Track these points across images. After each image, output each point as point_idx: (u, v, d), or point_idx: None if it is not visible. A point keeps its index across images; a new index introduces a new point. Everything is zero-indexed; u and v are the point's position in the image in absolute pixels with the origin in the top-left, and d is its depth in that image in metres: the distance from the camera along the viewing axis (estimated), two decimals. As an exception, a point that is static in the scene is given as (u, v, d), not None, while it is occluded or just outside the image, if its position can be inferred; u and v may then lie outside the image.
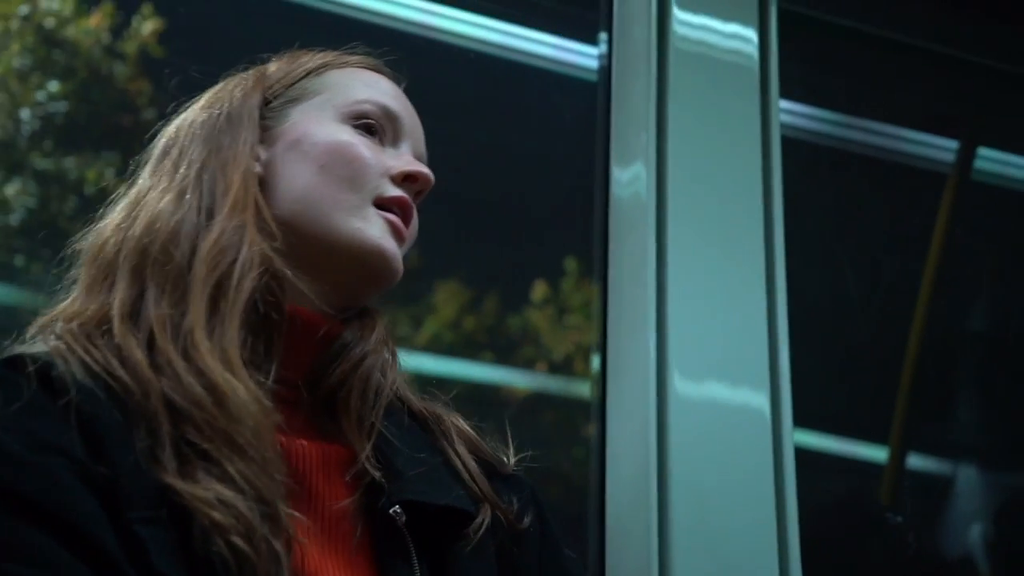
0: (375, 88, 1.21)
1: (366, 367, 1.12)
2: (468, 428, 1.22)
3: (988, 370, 2.30)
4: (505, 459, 1.23)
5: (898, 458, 2.15)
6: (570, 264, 1.93)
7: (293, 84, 1.20)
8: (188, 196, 1.08)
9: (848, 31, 2.19)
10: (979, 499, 2.22)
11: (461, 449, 1.18)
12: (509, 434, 1.25)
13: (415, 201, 1.18)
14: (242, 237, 1.04)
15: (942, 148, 2.35)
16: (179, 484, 0.89)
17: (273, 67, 1.23)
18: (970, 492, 2.22)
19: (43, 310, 1.07)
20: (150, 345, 0.97)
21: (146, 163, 1.17)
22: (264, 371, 1.02)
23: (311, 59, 1.23)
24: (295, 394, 1.08)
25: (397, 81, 1.26)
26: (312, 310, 1.10)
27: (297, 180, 1.13)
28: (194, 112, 1.18)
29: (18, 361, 0.97)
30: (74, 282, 1.10)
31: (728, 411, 1.68)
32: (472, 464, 1.16)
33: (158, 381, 0.94)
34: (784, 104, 1.93)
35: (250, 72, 1.22)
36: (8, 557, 0.83)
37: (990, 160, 2.36)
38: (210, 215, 1.07)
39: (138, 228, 1.07)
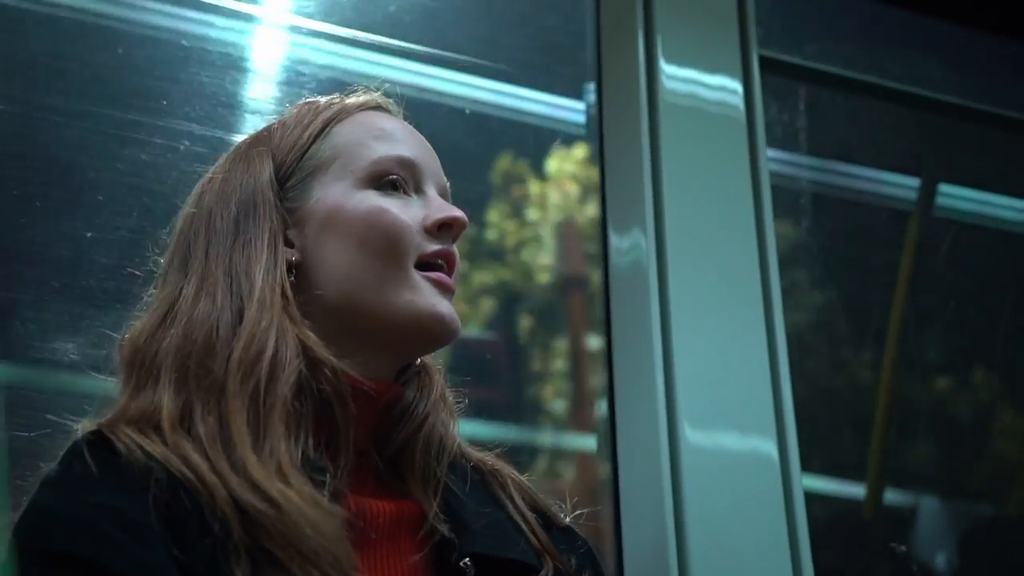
0: (386, 141, 1.19)
1: (428, 425, 1.14)
2: (524, 480, 1.24)
3: (956, 399, 2.36)
4: (560, 511, 1.25)
5: (877, 479, 2.19)
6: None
7: (304, 155, 1.18)
8: (219, 296, 1.08)
9: (817, 75, 2.24)
10: (946, 515, 2.27)
11: (519, 502, 1.19)
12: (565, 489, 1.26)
13: (453, 242, 1.18)
14: (270, 336, 1.04)
15: (905, 186, 2.41)
16: None
17: (276, 136, 1.21)
18: (938, 509, 2.27)
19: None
20: (204, 456, 0.98)
21: (172, 259, 1.16)
22: (335, 459, 1.03)
23: (312, 119, 1.21)
24: (365, 459, 1.10)
25: (397, 111, 1.27)
26: (371, 379, 1.11)
27: (339, 261, 1.12)
28: (209, 200, 1.17)
29: (98, 440, 0.98)
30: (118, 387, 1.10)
31: (738, 457, 1.71)
32: (531, 516, 1.18)
33: (222, 487, 0.94)
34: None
35: (253, 147, 1.20)
36: None
37: (950, 196, 2.43)
38: (240, 316, 1.06)
39: (176, 337, 1.06)
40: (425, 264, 1.15)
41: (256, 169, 1.17)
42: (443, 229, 1.17)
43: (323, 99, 1.25)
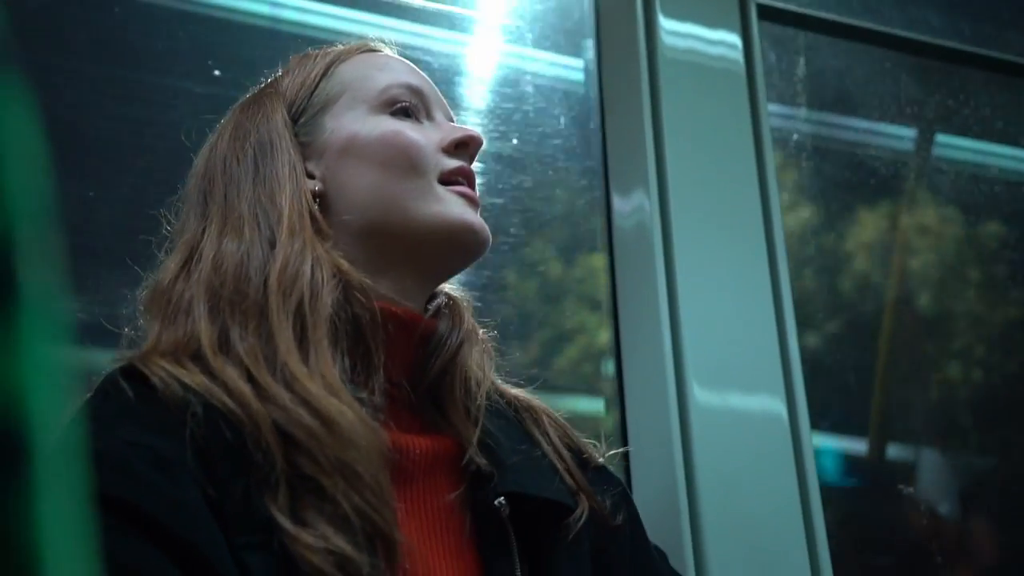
0: (390, 70, 1.20)
1: (462, 356, 1.14)
2: (559, 417, 1.24)
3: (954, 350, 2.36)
4: (595, 450, 1.25)
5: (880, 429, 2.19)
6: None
7: (312, 94, 1.18)
8: (246, 231, 1.07)
9: (815, 22, 2.21)
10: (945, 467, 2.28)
11: (555, 439, 1.19)
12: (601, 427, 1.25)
13: (470, 163, 1.19)
14: (305, 259, 1.03)
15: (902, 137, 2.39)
16: (288, 525, 0.88)
17: (283, 83, 1.21)
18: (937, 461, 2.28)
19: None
20: (250, 377, 0.96)
21: (189, 209, 1.15)
22: (367, 383, 1.02)
23: (314, 63, 1.22)
24: (400, 392, 1.09)
25: (394, 50, 1.28)
26: (405, 308, 1.11)
27: (362, 184, 1.12)
28: (221, 148, 1.17)
29: (133, 372, 0.96)
30: (145, 330, 1.07)
31: (747, 415, 1.70)
32: (567, 455, 1.18)
33: (268, 413, 0.92)
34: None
35: (260, 95, 1.21)
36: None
37: (948, 147, 2.41)
38: (272, 245, 1.05)
39: (204, 271, 1.05)
40: (447, 181, 1.15)
41: (268, 110, 1.17)
42: (460, 148, 1.17)
43: (320, 48, 1.25)
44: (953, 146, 2.41)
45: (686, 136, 1.84)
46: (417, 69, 1.24)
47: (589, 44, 1.98)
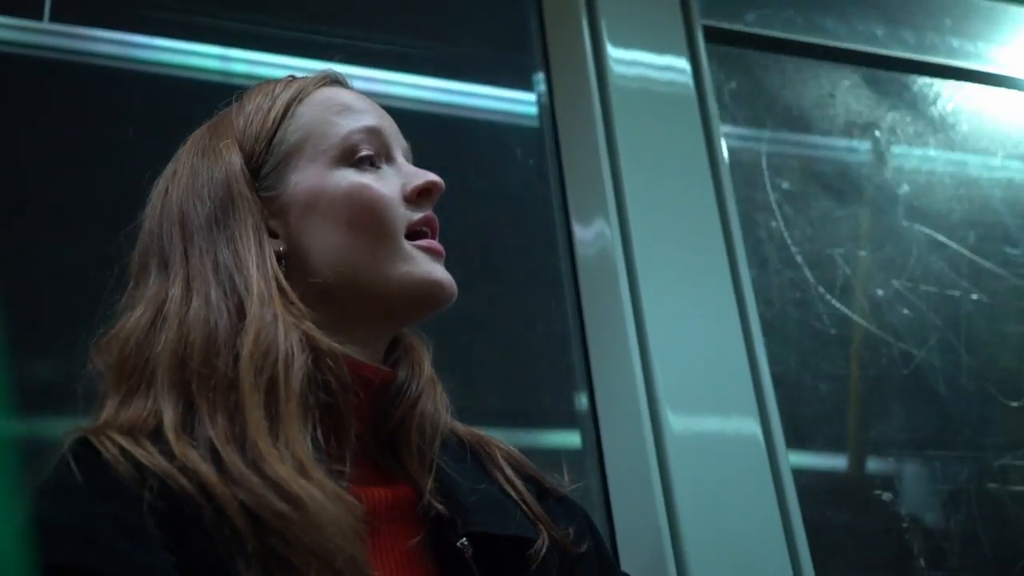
0: (350, 114, 1.18)
1: (421, 405, 1.13)
2: (513, 450, 1.25)
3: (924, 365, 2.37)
4: (555, 482, 1.25)
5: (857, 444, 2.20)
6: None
7: (271, 140, 1.15)
8: (212, 296, 1.04)
9: (762, 40, 2.23)
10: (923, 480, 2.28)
11: (510, 473, 1.20)
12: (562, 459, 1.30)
13: (431, 207, 1.19)
14: (278, 330, 1.01)
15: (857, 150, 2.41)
16: None
17: (238, 124, 1.17)
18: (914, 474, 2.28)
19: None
20: (215, 459, 0.93)
21: (146, 259, 1.12)
22: (340, 453, 1.01)
23: (271, 103, 1.18)
24: (360, 445, 1.07)
25: (349, 84, 1.26)
26: (364, 362, 1.10)
27: (329, 244, 1.11)
28: (177, 196, 1.13)
29: (87, 446, 0.95)
30: (101, 389, 1.05)
31: (723, 439, 1.70)
32: (522, 486, 1.19)
33: (233, 495, 0.90)
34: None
35: (216, 138, 1.17)
36: None
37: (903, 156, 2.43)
38: (241, 314, 1.03)
39: (169, 339, 1.02)
40: (413, 234, 1.15)
41: (225, 160, 1.13)
42: (423, 195, 1.17)
43: (276, 81, 1.23)
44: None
45: (642, 161, 1.85)
46: (375, 105, 1.23)
47: (540, 77, 1.99)
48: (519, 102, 1.99)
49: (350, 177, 1.13)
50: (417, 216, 1.16)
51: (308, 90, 1.20)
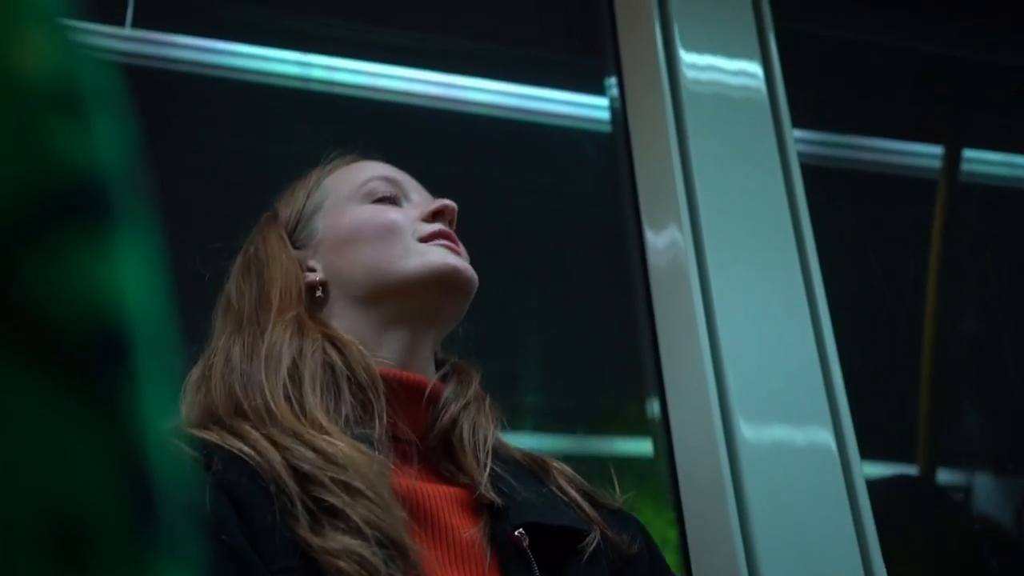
0: (367, 169, 1.36)
1: (471, 412, 1.25)
2: (569, 469, 1.32)
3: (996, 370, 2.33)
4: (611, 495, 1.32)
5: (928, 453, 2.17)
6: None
7: (304, 205, 1.35)
8: (245, 328, 1.24)
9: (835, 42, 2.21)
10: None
11: (565, 485, 1.27)
12: (613, 473, 1.35)
13: (449, 228, 1.32)
14: (289, 334, 1.20)
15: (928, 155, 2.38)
16: (311, 538, 1.00)
17: (280, 207, 1.38)
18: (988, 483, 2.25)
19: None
20: (257, 429, 1.11)
21: (216, 321, 1.32)
22: (368, 426, 1.14)
23: (304, 183, 1.38)
24: (411, 448, 1.19)
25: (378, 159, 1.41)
26: (411, 372, 1.24)
27: (354, 261, 1.27)
28: (235, 277, 1.33)
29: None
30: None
31: (795, 449, 1.69)
32: (578, 495, 1.26)
33: (277, 452, 1.06)
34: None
35: (262, 225, 1.37)
36: None
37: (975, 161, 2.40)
38: (263, 332, 1.22)
39: (218, 364, 1.22)
40: (426, 240, 1.28)
41: (266, 233, 1.34)
42: (437, 216, 1.31)
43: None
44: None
45: (714, 167, 1.84)
46: (395, 168, 1.38)
47: (612, 82, 1.98)
48: (592, 107, 1.99)
49: (368, 209, 1.31)
50: (430, 228, 1.29)
51: (337, 165, 1.39)
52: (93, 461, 0.34)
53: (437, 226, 1.29)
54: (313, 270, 1.30)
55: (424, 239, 1.27)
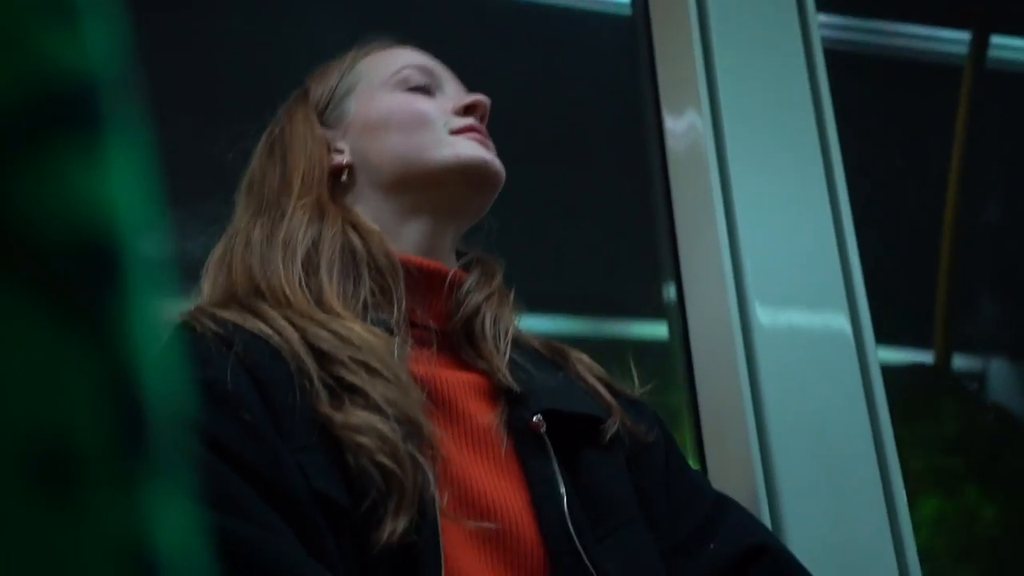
0: (403, 56, 1.35)
1: (492, 302, 1.25)
2: (588, 358, 1.33)
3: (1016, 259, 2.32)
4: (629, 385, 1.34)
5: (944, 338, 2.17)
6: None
7: (336, 86, 1.34)
8: (265, 211, 1.25)
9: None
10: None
11: (584, 372, 1.29)
12: (632, 367, 1.36)
13: (481, 123, 1.31)
14: (308, 219, 1.20)
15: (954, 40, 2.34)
16: (332, 414, 1.01)
17: (310, 85, 1.37)
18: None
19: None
20: (276, 309, 1.12)
21: (237, 204, 1.33)
22: (385, 311, 1.16)
23: (338, 64, 1.37)
24: (431, 335, 1.21)
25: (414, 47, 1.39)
26: (432, 260, 1.24)
27: (383, 147, 1.27)
28: (260, 157, 1.34)
29: (190, 323, 1.11)
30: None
31: (811, 334, 1.69)
32: (597, 384, 1.27)
33: (296, 331, 1.08)
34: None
35: (290, 104, 1.36)
36: (219, 506, 0.93)
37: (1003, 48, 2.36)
38: (283, 216, 1.23)
39: (239, 247, 1.23)
40: (457, 133, 1.28)
41: (292, 112, 1.33)
42: (469, 110, 1.30)
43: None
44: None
45: (736, 50, 1.81)
46: (430, 56, 1.37)
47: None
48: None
49: (400, 96, 1.30)
50: (462, 122, 1.28)
51: (372, 50, 1.38)
52: (79, 383, 0.33)
53: (469, 120, 1.28)
54: (340, 151, 1.30)
55: (455, 132, 1.27)
